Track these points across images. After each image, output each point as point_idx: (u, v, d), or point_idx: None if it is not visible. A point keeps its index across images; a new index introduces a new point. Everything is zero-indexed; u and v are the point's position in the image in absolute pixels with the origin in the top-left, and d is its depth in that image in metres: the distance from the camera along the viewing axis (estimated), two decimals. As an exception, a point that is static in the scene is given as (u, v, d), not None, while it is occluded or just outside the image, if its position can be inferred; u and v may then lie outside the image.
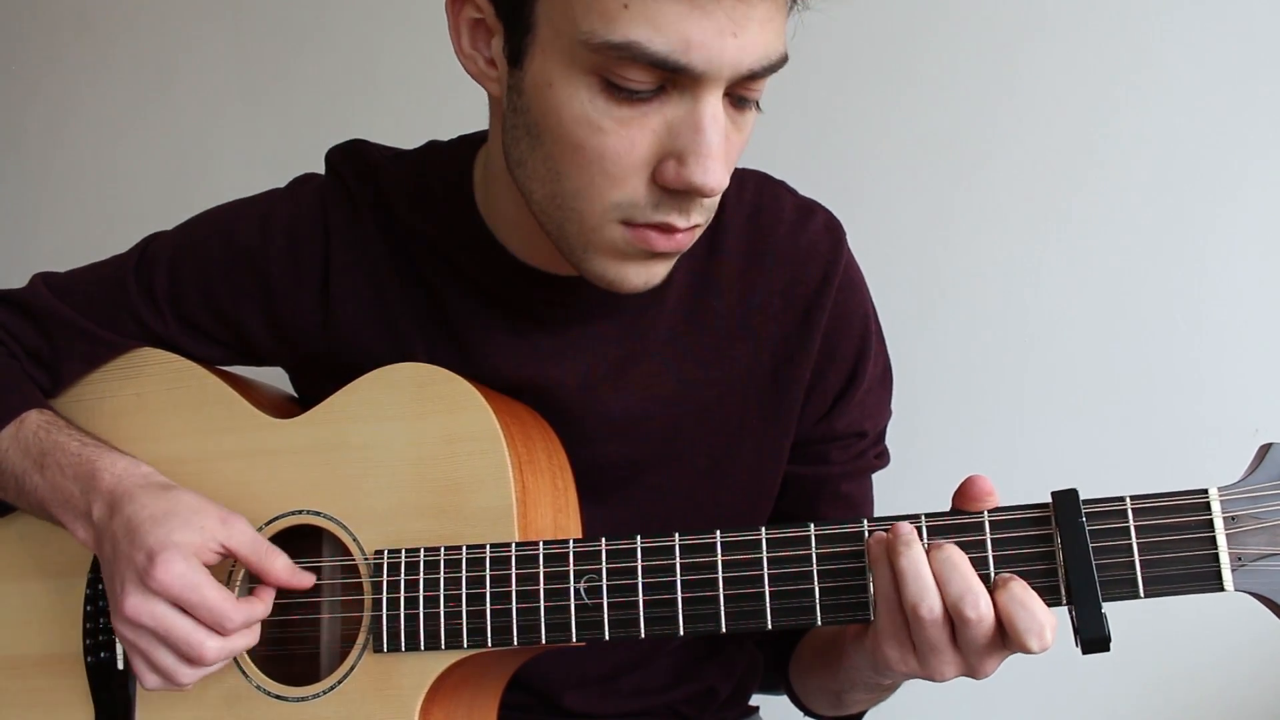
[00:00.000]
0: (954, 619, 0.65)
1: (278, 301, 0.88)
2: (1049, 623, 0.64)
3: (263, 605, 0.79)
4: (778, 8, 0.66)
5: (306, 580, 0.81)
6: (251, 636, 0.79)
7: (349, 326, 0.87)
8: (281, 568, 0.79)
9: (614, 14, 0.63)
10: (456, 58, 0.75)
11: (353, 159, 0.88)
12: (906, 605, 0.65)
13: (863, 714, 0.90)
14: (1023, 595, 0.64)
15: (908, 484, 0.92)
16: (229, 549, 0.79)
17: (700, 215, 0.72)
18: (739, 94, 0.68)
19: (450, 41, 0.75)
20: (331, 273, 0.86)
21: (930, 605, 0.64)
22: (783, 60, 0.68)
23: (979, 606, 0.64)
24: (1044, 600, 0.65)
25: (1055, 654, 0.70)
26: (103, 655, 0.86)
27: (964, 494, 0.69)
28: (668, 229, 0.71)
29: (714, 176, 0.67)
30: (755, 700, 1.03)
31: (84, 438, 0.86)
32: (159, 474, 0.84)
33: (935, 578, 0.65)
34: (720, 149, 0.67)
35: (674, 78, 0.65)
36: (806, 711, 0.92)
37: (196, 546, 0.77)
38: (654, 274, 0.74)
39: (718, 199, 0.73)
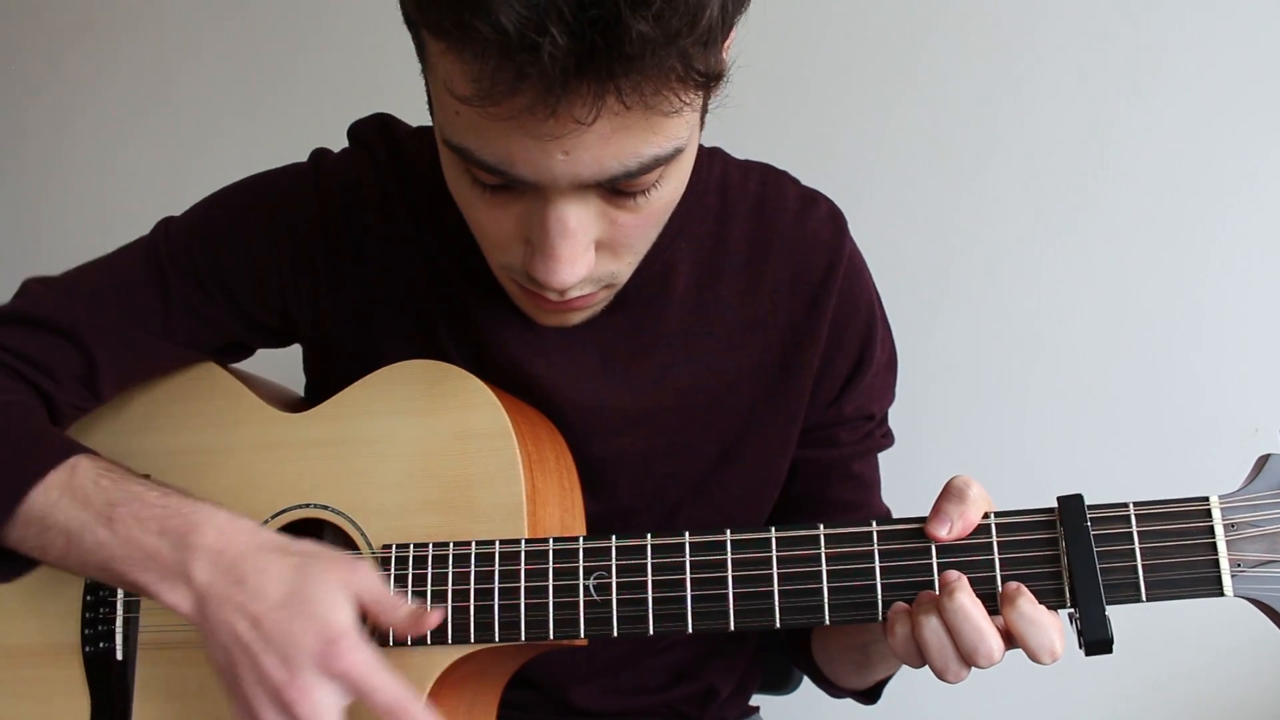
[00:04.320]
0: (966, 660, 0.66)
1: (320, 276, 0.86)
2: (1059, 637, 0.65)
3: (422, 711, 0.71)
4: (635, 116, 0.60)
5: (433, 621, 0.74)
6: None
7: (378, 300, 0.86)
8: (403, 617, 0.73)
9: (450, 118, 0.63)
10: None
11: (381, 132, 0.88)
12: (930, 661, 0.67)
13: (880, 687, 0.90)
14: (1032, 612, 0.65)
15: (914, 486, 0.93)
16: (359, 599, 0.72)
17: (582, 289, 0.72)
18: (618, 188, 0.65)
19: None
20: (366, 246, 0.85)
21: (955, 671, 0.67)
22: (660, 160, 0.64)
23: (993, 655, 0.65)
24: (1049, 603, 0.67)
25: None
26: (101, 645, 0.85)
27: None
28: (547, 299, 0.72)
29: (556, 278, 0.67)
30: (755, 700, 1.04)
31: (160, 487, 0.78)
32: (261, 528, 0.75)
33: (947, 627, 0.66)
34: (566, 251, 0.66)
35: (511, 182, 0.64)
36: (831, 687, 0.93)
37: (357, 620, 0.72)
38: (565, 320, 0.77)
39: (624, 269, 0.73)
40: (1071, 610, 0.67)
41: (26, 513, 0.75)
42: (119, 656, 0.84)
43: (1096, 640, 0.65)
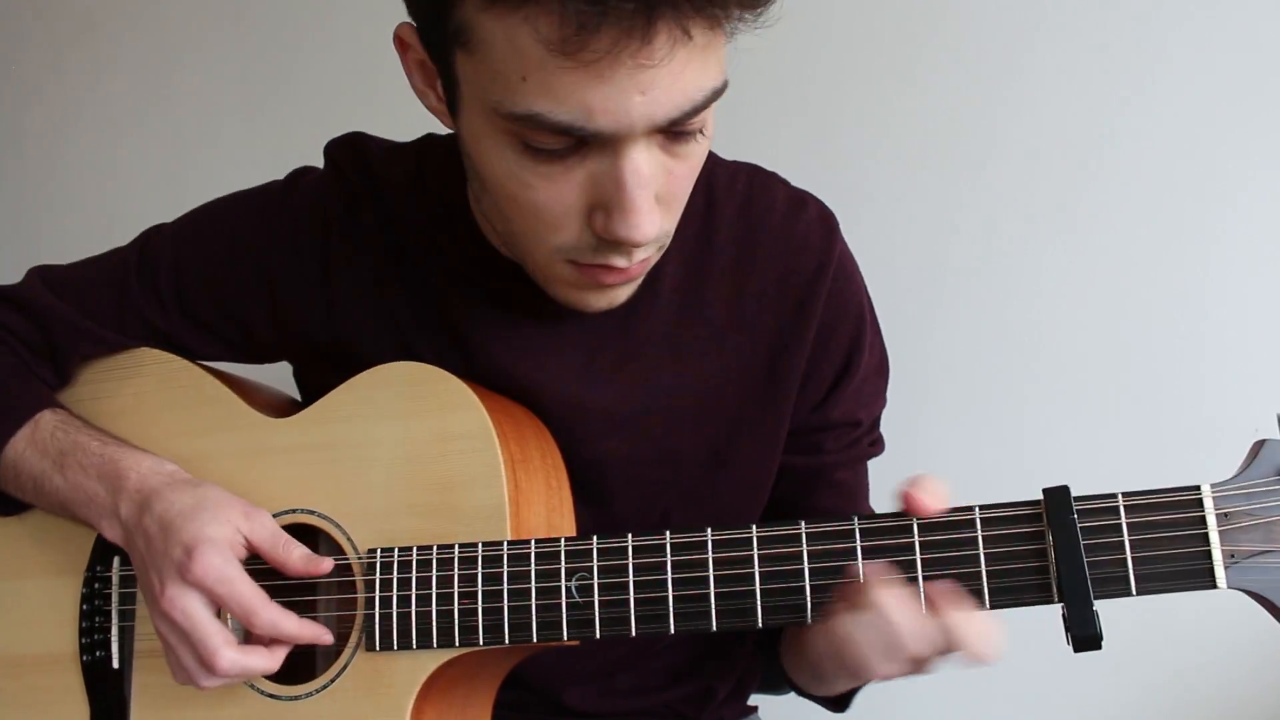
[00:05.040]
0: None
1: (280, 295, 0.88)
2: (997, 638, 0.64)
3: (295, 624, 0.78)
4: (698, 49, 0.62)
5: (325, 566, 0.80)
6: (272, 661, 0.78)
7: (351, 319, 0.87)
8: (298, 558, 0.79)
9: (515, 86, 0.63)
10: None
11: (351, 152, 0.88)
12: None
13: (850, 696, 0.89)
14: (964, 622, 0.64)
15: (901, 477, 0.92)
16: (250, 542, 0.79)
17: (647, 251, 0.72)
18: (673, 130, 0.66)
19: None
20: (332, 265, 0.87)
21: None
22: (716, 93, 0.65)
23: (927, 650, 0.65)
24: (1035, 598, 0.65)
25: (1052, 652, 0.70)
26: (98, 654, 0.86)
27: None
28: (612, 268, 0.72)
29: (639, 231, 0.67)
30: (754, 700, 1.03)
31: (103, 437, 0.87)
32: (183, 471, 0.84)
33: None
34: (645, 202, 0.67)
35: (586, 138, 0.64)
36: (800, 692, 0.92)
37: (228, 540, 0.78)
38: (615, 297, 0.76)
39: (671, 227, 0.74)
40: (1060, 605, 0.65)
41: (4, 463, 0.87)
42: (115, 665, 0.85)
43: (1084, 636, 0.63)
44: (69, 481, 0.84)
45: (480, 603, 0.75)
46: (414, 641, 0.76)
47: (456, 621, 0.76)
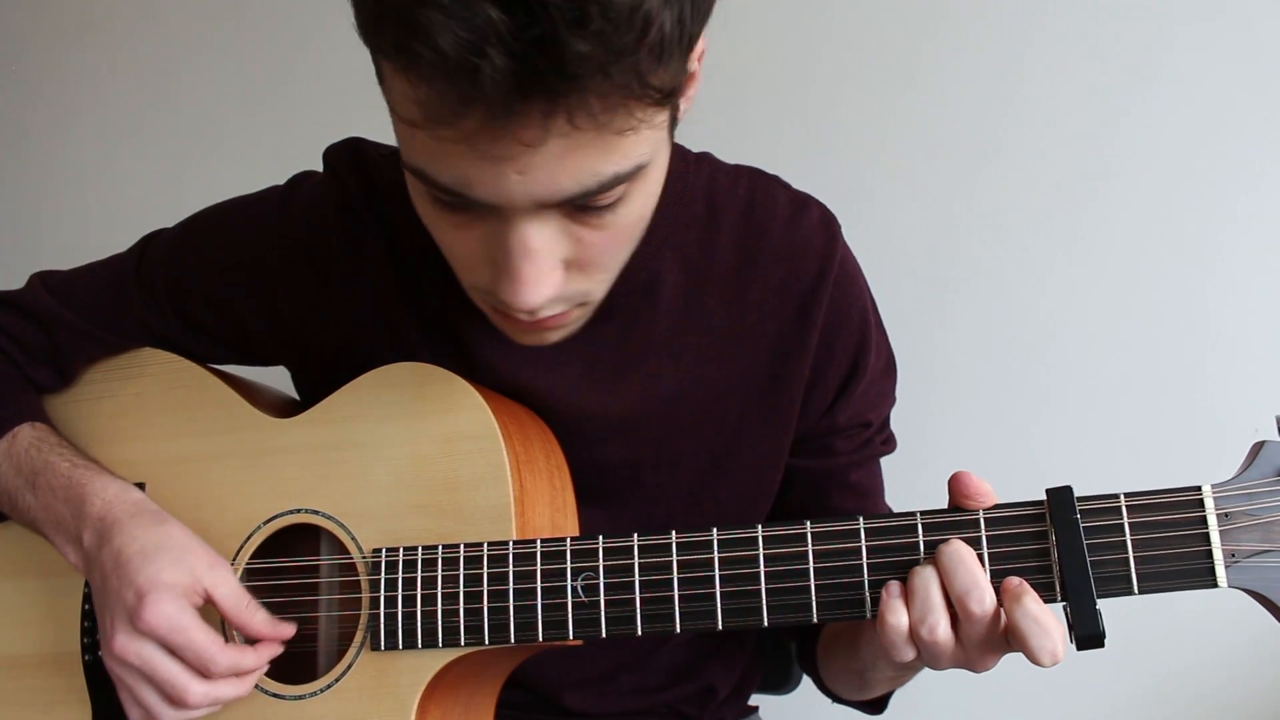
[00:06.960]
0: (958, 614, 0.65)
1: (279, 301, 0.88)
2: (1061, 638, 0.63)
3: (254, 657, 0.78)
4: (589, 136, 0.58)
5: (285, 632, 0.80)
6: (242, 687, 0.78)
7: (350, 326, 0.87)
8: (260, 622, 0.79)
9: (408, 139, 0.62)
10: None
11: (350, 157, 0.88)
12: (911, 611, 0.66)
13: (887, 697, 0.89)
14: (1036, 611, 0.63)
15: (907, 481, 0.92)
16: (212, 597, 0.78)
17: (554, 308, 0.70)
18: (575, 205, 0.63)
19: None
20: (331, 271, 0.86)
21: (931, 624, 0.65)
22: (619, 178, 0.62)
23: (984, 602, 0.64)
24: (1040, 597, 0.65)
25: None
26: (100, 654, 0.86)
27: (953, 490, 0.69)
28: (518, 320, 0.70)
29: (523, 299, 0.65)
30: (754, 700, 1.03)
31: (75, 458, 0.86)
32: (150, 502, 0.84)
33: (940, 572, 0.65)
34: (532, 273, 0.64)
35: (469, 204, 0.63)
36: (834, 697, 0.92)
37: (185, 587, 0.77)
38: (542, 339, 0.75)
39: (597, 287, 0.71)
40: (1063, 604, 0.66)
41: None
42: (118, 665, 0.85)
43: (1088, 635, 0.64)
44: (39, 501, 0.84)
45: (486, 602, 0.75)
46: (419, 641, 0.77)
47: (462, 621, 0.76)
